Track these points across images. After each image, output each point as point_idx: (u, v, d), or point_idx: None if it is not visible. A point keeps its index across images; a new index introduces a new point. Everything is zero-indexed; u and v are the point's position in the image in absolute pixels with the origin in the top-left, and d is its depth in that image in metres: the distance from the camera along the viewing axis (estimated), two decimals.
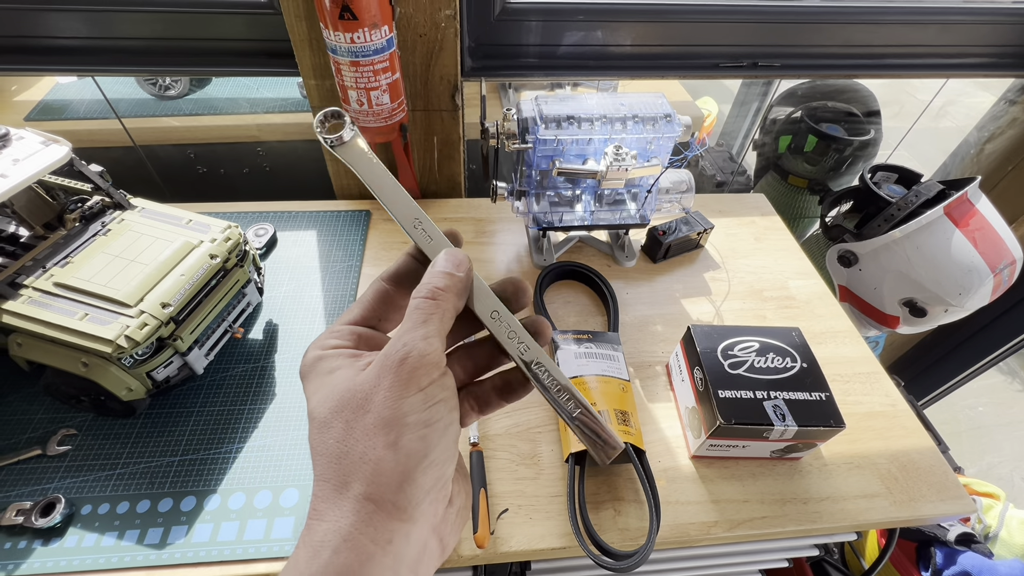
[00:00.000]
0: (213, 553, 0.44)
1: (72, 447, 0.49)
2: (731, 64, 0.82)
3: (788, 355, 0.51)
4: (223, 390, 0.54)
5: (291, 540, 0.45)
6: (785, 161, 1.12)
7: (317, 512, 0.20)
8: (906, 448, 0.54)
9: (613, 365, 0.54)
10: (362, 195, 0.80)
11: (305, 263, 0.68)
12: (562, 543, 0.46)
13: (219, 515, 0.46)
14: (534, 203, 0.66)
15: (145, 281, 0.46)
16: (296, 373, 0.56)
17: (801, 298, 0.69)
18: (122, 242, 0.50)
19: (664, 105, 0.60)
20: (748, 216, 0.81)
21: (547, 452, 0.52)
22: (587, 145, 0.59)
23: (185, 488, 0.47)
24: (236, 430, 0.51)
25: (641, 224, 0.68)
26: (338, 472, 0.20)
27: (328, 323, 0.61)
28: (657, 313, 0.66)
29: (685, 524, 0.48)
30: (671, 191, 0.69)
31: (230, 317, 0.54)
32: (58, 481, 0.47)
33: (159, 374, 0.48)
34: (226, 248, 0.52)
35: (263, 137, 0.94)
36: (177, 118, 0.91)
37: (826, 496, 0.50)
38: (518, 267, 0.71)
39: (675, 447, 0.53)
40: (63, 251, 0.48)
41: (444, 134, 0.74)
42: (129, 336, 0.43)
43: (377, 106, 0.60)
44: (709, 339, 0.52)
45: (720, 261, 0.73)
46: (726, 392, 0.48)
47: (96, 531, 0.44)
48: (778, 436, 0.47)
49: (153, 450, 0.50)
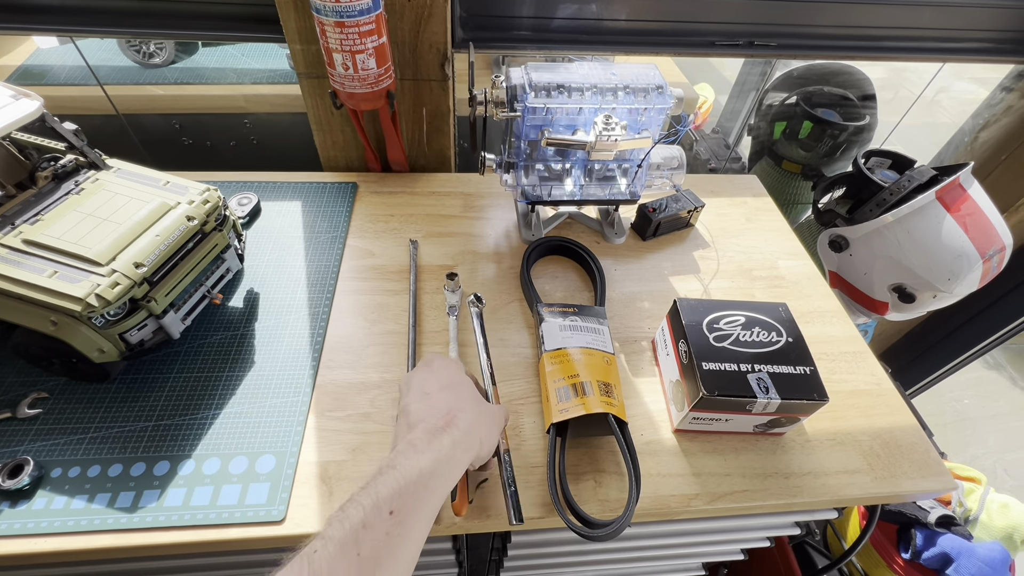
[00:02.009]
0: (186, 517, 0.43)
1: (43, 410, 0.48)
2: (727, 43, 0.81)
3: (774, 329, 0.51)
4: (201, 356, 0.53)
5: (266, 505, 0.44)
6: (779, 147, 1.11)
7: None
8: (889, 426, 0.54)
9: (598, 338, 0.54)
10: (348, 167, 0.78)
11: (289, 233, 0.67)
12: (541, 513, 0.45)
13: (193, 480, 0.45)
14: (523, 176, 0.65)
15: (118, 240, 0.45)
16: (277, 341, 0.55)
17: (790, 278, 0.68)
18: (95, 201, 0.48)
19: (656, 76, 0.59)
20: (740, 196, 0.80)
21: (529, 423, 0.51)
22: (577, 115, 0.58)
23: (159, 453, 0.46)
24: (213, 396, 0.50)
25: (631, 200, 0.67)
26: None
27: (311, 294, 0.60)
28: (645, 290, 0.65)
29: (666, 496, 0.47)
30: (662, 167, 0.68)
31: (208, 282, 0.53)
32: (28, 444, 0.46)
33: (133, 336, 0.46)
34: (204, 211, 0.50)
35: (250, 108, 0.92)
36: (162, 87, 0.89)
37: (807, 471, 0.50)
38: (506, 243, 0.70)
39: (658, 421, 0.53)
40: (33, 208, 0.47)
41: (433, 105, 0.72)
42: (100, 295, 0.42)
43: (363, 71, 0.59)
44: (695, 312, 0.52)
45: (710, 240, 0.72)
46: (710, 364, 0.47)
47: (66, 494, 0.44)
48: (761, 409, 0.47)
49: (127, 415, 0.49)
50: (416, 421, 0.38)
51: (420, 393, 0.40)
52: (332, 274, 0.62)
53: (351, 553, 0.28)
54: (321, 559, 0.27)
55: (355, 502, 0.30)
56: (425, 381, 0.41)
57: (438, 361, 0.44)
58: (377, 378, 0.53)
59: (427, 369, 0.43)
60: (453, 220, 0.72)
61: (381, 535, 0.29)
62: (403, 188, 0.75)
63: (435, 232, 0.70)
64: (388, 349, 0.56)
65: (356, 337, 0.57)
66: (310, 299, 0.60)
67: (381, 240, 0.68)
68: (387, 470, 0.32)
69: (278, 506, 0.44)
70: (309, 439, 0.48)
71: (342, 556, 0.27)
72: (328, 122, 0.73)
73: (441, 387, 0.41)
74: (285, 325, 0.57)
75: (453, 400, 0.40)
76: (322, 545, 0.28)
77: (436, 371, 0.43)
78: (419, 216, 0.72)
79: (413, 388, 0.41)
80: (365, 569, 0.28)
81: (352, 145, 0.76)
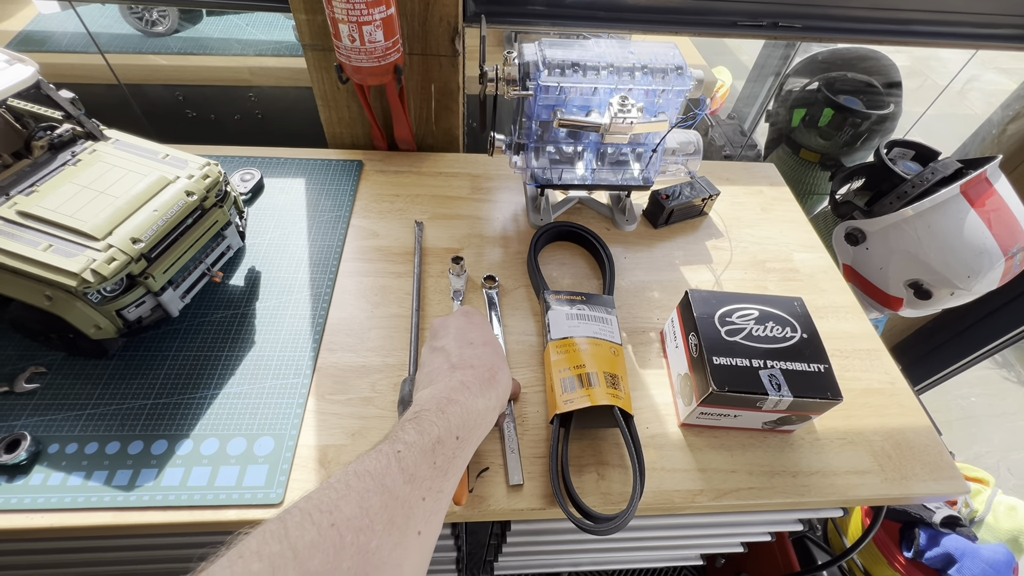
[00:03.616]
0: (183, 497, 0.42)
1: (41, 385, 0.48)
2: (750, 23, 0.77)
3: (788, 324, 0.49)
4: (200, 335, 0.53)
5: (263, 488, 0.43)
6: (798, 135, 1.08)
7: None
8: (902, 426, 0.53)
9: (606, 328, 0.52)
10: (354, 145, 0.76)
11: (292, 211, 0.65)
12: (542, 504, 0.45)
13: (191, 460, 0.44)
14: (533, 158, 0.63)
15: (115, 215, 0.44)
16: (278, 322, 0.54)
17: (805, 271, 0.66)
18: (92, 173, 0.47)
19: (676, 56, 0.56)
20: (756, 185, 0.78)
21: (532, 413, 0.50)
22: (592, 95, 0.55)
23: (157, 432, 0.46)
24: (212, 376, 0.50)
25: (644, 186, 0.65)
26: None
27: (313, 274, 0.59)
28: (655, 279, 0.63)
29: (670, 491, 0.47)
30: (677, 152, 0.65)
31: (208, 260, 0.51)
32: (25, 419, 0.46)
33: (130, 313, 0.45)
34: (204, 186, 0.49)
35: (255, 81, 0.90)
36: (165, 56, 0.87)
37: (816, 470, 0.49)
38: (514, 227, 0.68)
39: (664, 414, 0.52)
40: (28, 179, 0.46)
41: (442, 82, 0.70)
42: (95, 270, 0.41)
43: (370, 43, 0.56)
44: (707, 304, 0.50)
45: (724, 230, 0.70)
46: (721, 359, 0.46)
47: (63, 470, 0.43)
48: (772, 407, 0.45)
49: (125, 392, 0.48)
50: (462, 364, 0.39)
51: (463, 340, 0.41)
52: (335, 254, 0.61)
53: (429, 460, 0.31)
54: (406, 458, 0.30)
55: (428, 420, 0.33)
56: (467, 330, 0.42)
57: (478, 316, 0.45)
58: (379, 362, 0.52)
59: (467, 319, 0.44)
60: (460, 202, 0.70)
61: (450, 453, 0.33)
62: (409, 168, 0.73)
63: (441, 214, 0.68)
64: (391, 333, 0.55)
65: (358, 320, 0.56)
66: (312, 279, 0.58)
67: (386, 221, 0.66)
68: (448, 404, 0.35)
69: (276, 489, 0.43)
70: (308, 422, 0.48)
71: (423, 460, 0.31)
72: (334, 97, 0.71)
73: (484, 341, 0.42)
74: (287, 305, 0.56)
75: (495, 358, 0.41)
76: (406, 447, 0.31)
77: (477, 325, 0.44)
78: (425, 197, 0.70)
79: (453, 333, 0.42)
80: (437, 477, 0.31)
81: (358, 122, 0.73)
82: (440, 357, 0.40)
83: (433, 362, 0.41)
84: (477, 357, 0.40)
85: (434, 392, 0.36)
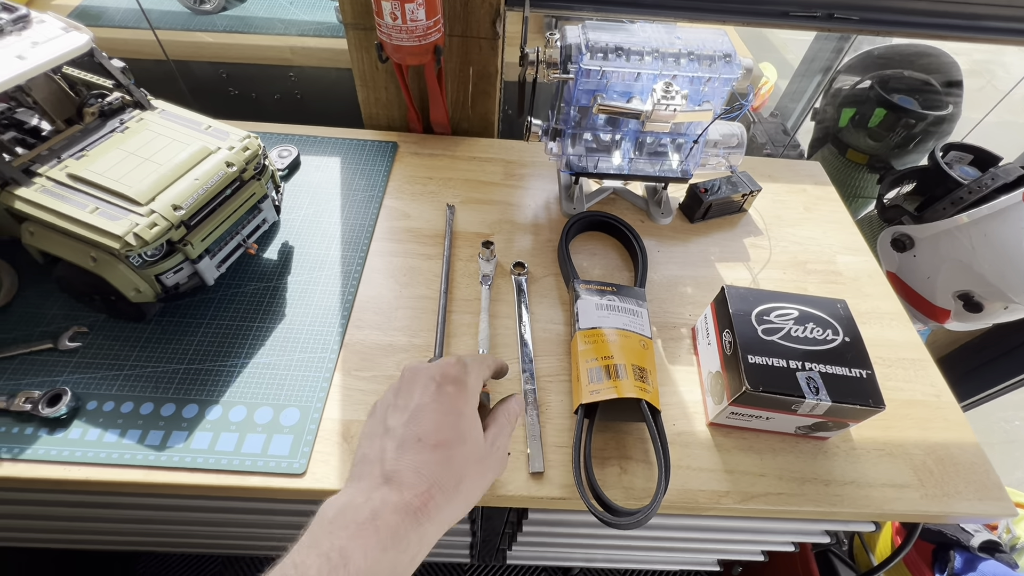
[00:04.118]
0: (211, 461, 0.43)
1: (82, 344, 0.49)
2: (802, 13, 0.74)
3: (830, 327, 0.47)
4: (233, 305, 0.53)
5: (288, 457, 0.44)
6: (845, 134, 1.03)
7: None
8: (946, 442, 0.50)
9: (636, 321, 0.51)
10: (390, 126, 0.76)
11: (326, 188, 0.66)
12: (562, 494, 0.44)
13: (219, 425, 0.45)
14: (569, 145, 0.61)
15: (158, 181, 0.45)
16: (309, 296, 0.55)
17: (848, 274, 0.63)
18: (138, 140, 0.48)
19: (725, 43, 0.54)
20: (800, 184, 0.75)
21: (556, 402, 0.50)
22: (634, 81, 0.54)
23: (188, 396, 0.47)
24: (243, 345, 0.51)
25: (682, 179, 0.63)
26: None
27: (344, 252, 0.59)
28: (689, 275, 0.62)
29: (694, 490, 0.45)
30: (719, 145, 0.63)
31: (244, 231, 0.52)
32: (67, 375, 0.47)
33: (168, 279, 0.47)
34: (243, 158, 0.49)
35: (296, 61, 0.91)
36: (211, 34, 0.89)
37: (850, 480, 0.47)
38: (545, 215, 0.67)
39: (692, 412, 0.50)
40: (79, 144, 0.47)
41: (481, 65, 0.69)
42: (138, 234, 0.42)
43: (411, 22, 0.56)
44: (744, 301, 0.48)
45: (763, 227, 0.68)
46: (756, 358, 0.44)
47: (100, 426, 0.45)
48: (808, 410, 0.43)
49: (160, 356, 0.49)
50: (395, 475, 0.29)
51: (414, 430, 0.30)
52: (367, 233, 0.61)
53: None
54: None
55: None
56: (418, 418, 0.31)
57: (456, 392, 0.32)
58: (405, 342, 0.52)
59: (438, 394, 0.32)
60: (492, 187, 0.69)
61: None
62: (443, 151, 0.73)
63: (473, 198, 0.67)
64: (418, 314, 0.55)
65: (386, 299, 0.56)
66: (343, 257, 0.59)
67: (418, 202, 0.66)
68: (346, 558, 0.25)
69: (299, 459, 0.44)
70: (334, 396, 0.48)
71: None
72: (372, 77, 0.71)
73: (438, 442, 0.30)
74: (317, 281, 0.56)
75: (445, 469, 0.30)
76: None
77: (445, 409, 0.31)
78: (458, 181, 0.69)
79: (411, 410, 0.31)
80: None
81: (395, 103, 0.74)
82: (377, 446, 0.31)
83: (371, 448, 0.31)
84: (418, 470, 0.29)
85: (342, 520, 0.27)
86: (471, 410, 0.33)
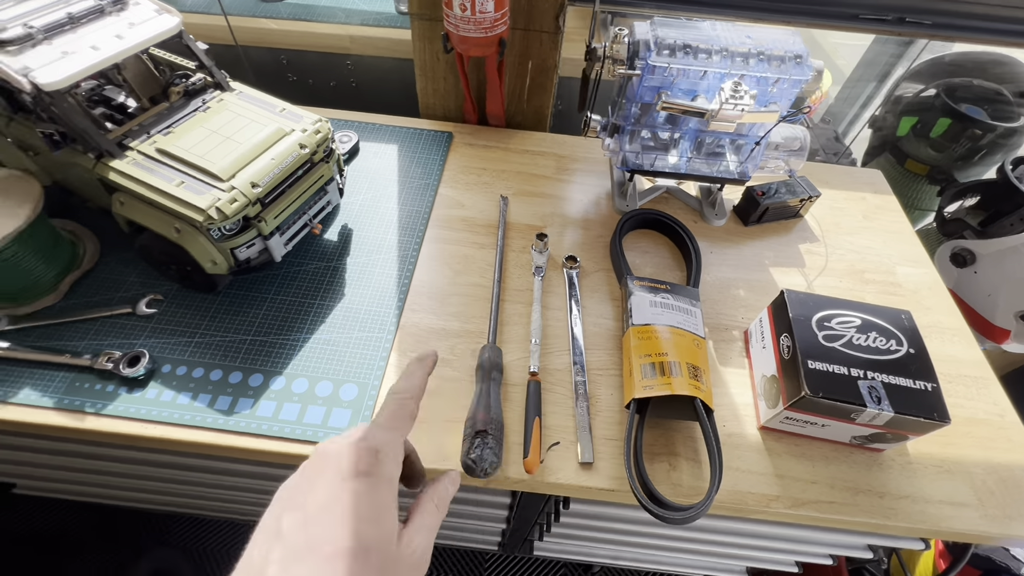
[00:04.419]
0: (275, 428, 0.45)
1: (158, 311, 0.52)
2: (872, 16, 0.72)
3: (894, 337, 0.46)
4: (296, 282, 0.56)
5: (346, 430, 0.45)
6: (905, 144, 1.00)
7: None
8: (1009, 463, 0.48)
9: (689, 320, 0.51)
10: (445, 116, 0.78)
11: (384, 175, 0.68)
12: (611, 485, 0.44)
13: (282, 395, 0.47)
14: (627, 142, 0.61)
15: (239, 159, 0.47)
16: (367, 278, 0.56)
17: (908, 286, 0.62)
18: (220, 120, 0.50)
19: (797, 44, 0.53)
20: (858, 192, 0.73)
21: (605, 395, 0.50)
22: (700, 80, 0.53)
23: (254, 366, 0.49)
24: (305, 321, 0.53)
25: (739, 180, 0.63)
26: None
27: (401, 237, 0.61)
28: (741, 278, 0.61)
29: (744, 492, 0.45)
30: (780, 148, 0.62)
31: (311, 211, 0.54)
32: (144, 339, 0.50)
33: (241, 253, 0.49)
34: (315, 140, 0.51)
35: (354, 50, 0.93)
36: (275, 20, 0.92)
37: (906, 495, 0.46)
38: (596, 211, 0.67)
39: (743, 415, 0.50)
40: (166, 121, 0.50)
41: (540, 59, 0.70)
42: (220, 208, 0.44)
43: (480, 13, 0.57)
44: (804, 307, 0.48)
45: (819, 234, 0.66)
46: (816, 364, 0.44)
47: (173, 389, 0.47)
48: (868, 420, 0.43)
49: (228, 326, 0.52)
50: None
51: (296, 545, 0.24)
52: (422, 220, 0.63)
53: None
54: None
55: None
56: (316, 522, 0.25)
57: (361, 481, 0.26)
58: (458, 327, 0.54)
59: (328, 491, 0.26)
60: (544, 181, 0.70)
61: None
62: (497, 143, 0.74)
63: (525, 191, 0.68)
64: (470, 301, 0.56)
65: (440, 285, 0.57)
66: (400, 241, 0.60)
67: (471, 192, 0.67)
68: None
69: None
70: (390, 375, 0.50)
71: None
72: (432, 68, 0.72)
73: (332, 553, 0.24)
74: (375, 264, 0.58)
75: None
76: None
77: (342, 505, 0.26)
78: (511, 173, 0.70)
79: (286, 525, 0.25)
80: None
81: (452, 94, 0.75)
82: (263, 551, 0.25)
83: (257, 551, 0.25)
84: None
85: None
86: (383, 508, 0.27)
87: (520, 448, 0.46)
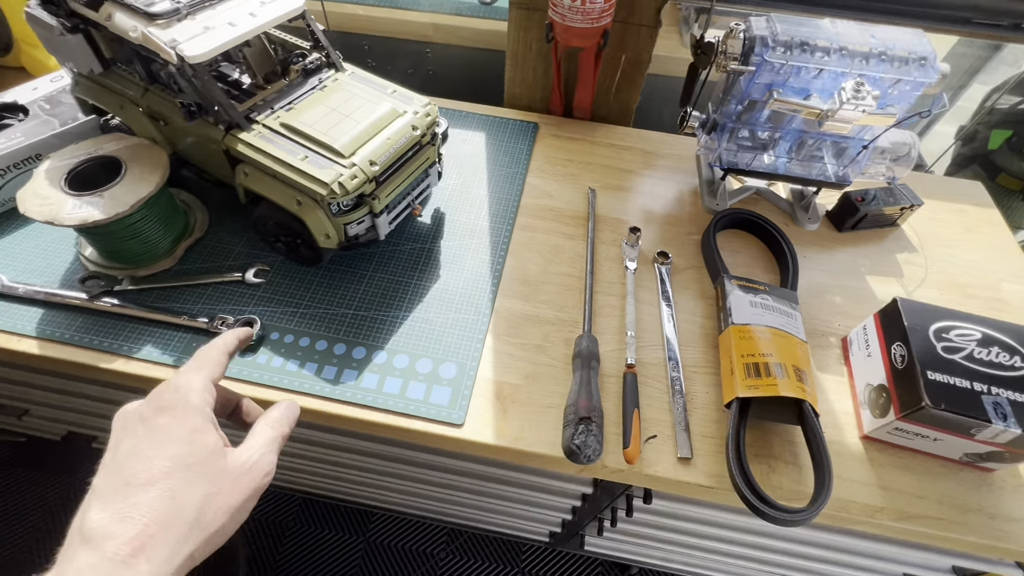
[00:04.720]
0: (379, 400, 0.47)
1: (265, 281, 0.54)
2: (987, 21, 0.69)
3: (1018, 353, 0.44)
4: (393, 261, 0.57)
5: (447, 408, 0.47)
6: (998, 157, 0.96)
7: None
8: None
9: (790, 322, 0.50)
10: (530, 107, 0.78)
11: (473, 162, 0.68)
12: (711, 483, 0.44)
13: (385, 369, 0.49)
14: (724, 140, 0.60)
15: (358, 137, 0.48)
16: (460, 261, 0.57)
17: (1014, 303, 0.59)
18: (337, 98, 0.52)
19: (924, 44, 0.51)
20: (958, 203, 0.70)
21: (701, 392, 0.50)
22: (814, 79, 0.52)
23: (357, 339, 0.51)
24: (403, 299, 0.54)
25: (839, 185, 0.61)
26: None
27: (492, 223, 0.61)
28: (837, 284, 0.59)
29: (846, 500, 0.44)
30: (886, 153, 0.60)
31: (415, 192, 0.55)
32: (253, 307, 0.52)
33: (352, 229, 0.50)
34: (425, 123, 0.52)
35: (435, 38, 0.94)
36: (362, 7, 0.93)
37: (1019, 517, 0.44)
38: (682, 208, 0.67)
39: (843, 423, 0.49)
40: (287, 97, 0.51)
41: (635, 53, 0.69)
42: (342, 183, 0.45)
43: (589, 4, 0.57)
44: (920, 316, 0.46)
45: (918, 245, 0.64)
46: (936, 375, 0.42)
47: (282, 356, 0.49)
48: (990, 437, 0.41)
49: (331, 300, 0.53)
50: (89, 539, 0.25)
51: (109, 488, 0.27)
52: (512, 207, 0.63)
53: None
54: None
55: None
56: (126, 464, 0.27)
57: (164, 416, 0.29)
58: (551, 315, 0.54)
59: (132, 437, 0.28)
60: (630, 176, 0.69)
61: None
62: (582, 136, 0.74)
63: (611, 184, 0.68)
64: (562, 290, 0.56)
65: (532, 272, 0.57)
66: (491, 227, 0.61)
67: (559, 183, 0.67)
68: None
69: (458, 411, 0.47)
70: (487, 357, 0.50)
71: None
72: (524, 58, 0.72)
73: (148, 480, 0.26)
74: (468, 248, 0.59)
75: (168, 502, 0.26)
76: None
77: (151, 439, 0.28)
78: (596, 166, 0.70)
79: (98, 481, 0.27)
80: None
81: (539, 85, 0.75)
82: (79, 513, 0.26)
83: (75, 517, 0.26)
84: (126, 515, 0.25)
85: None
86: (194, 431, 0.29)
87: (616, 439, 0.46)
